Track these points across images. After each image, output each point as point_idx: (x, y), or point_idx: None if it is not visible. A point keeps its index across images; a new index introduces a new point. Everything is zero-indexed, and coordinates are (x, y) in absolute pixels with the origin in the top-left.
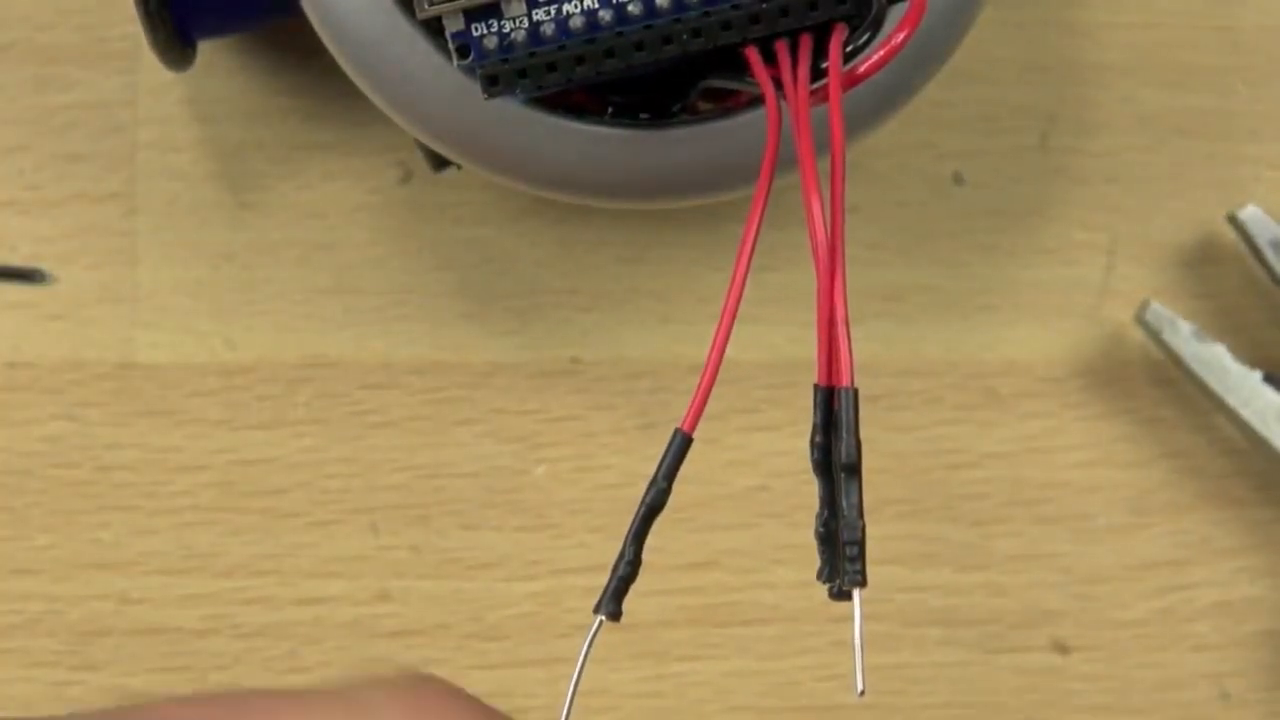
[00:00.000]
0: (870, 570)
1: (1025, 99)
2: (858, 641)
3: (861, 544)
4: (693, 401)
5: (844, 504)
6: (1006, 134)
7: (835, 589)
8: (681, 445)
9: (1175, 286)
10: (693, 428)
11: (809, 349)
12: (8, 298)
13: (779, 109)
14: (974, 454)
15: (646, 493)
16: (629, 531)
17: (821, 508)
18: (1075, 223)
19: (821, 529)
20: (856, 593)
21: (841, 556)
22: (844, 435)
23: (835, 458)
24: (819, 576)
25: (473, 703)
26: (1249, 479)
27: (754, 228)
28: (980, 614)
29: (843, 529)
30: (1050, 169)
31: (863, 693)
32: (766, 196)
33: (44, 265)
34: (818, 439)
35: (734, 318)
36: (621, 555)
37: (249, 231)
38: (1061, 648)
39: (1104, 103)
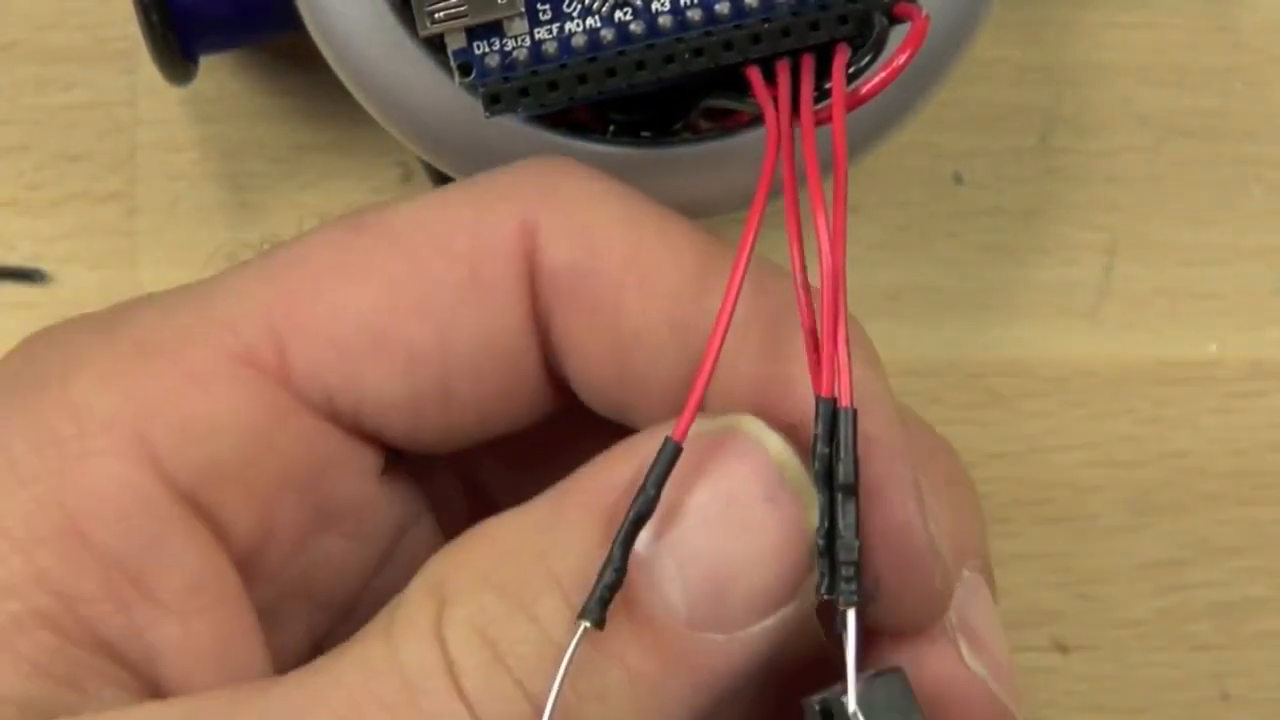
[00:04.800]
0: None
1: (1025, 99)
2: (851, 660)
3: (858, 564)
4: (684, 411)
5: (840, 524)
6: (1006, 134)
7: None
8: (671, 455)
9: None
10: (683, 437)
11: None
12: (8, 298)
13: (778, 131)
14: (974, 454)
15: (635, 500)
16: (616, 538)
17: (822, 520)
18: (1075, 223)
19: (822, 542)
20: (851, 612)
21: (838, 575)
22: (843, 455)
23: (834, 476)
24: (818, 589)
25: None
26: (1249, 479)
27: (745, 254)
28: None
29: (839, 549)
30: (1050, 169)
31: (855, 712)
32: (760, 221)
33: (44, 265)
34: (820, 450)
35: (724, 338)
36: (608, 562)
37: (249, 231)
38: (1061, 647)
39: (1104, 103)
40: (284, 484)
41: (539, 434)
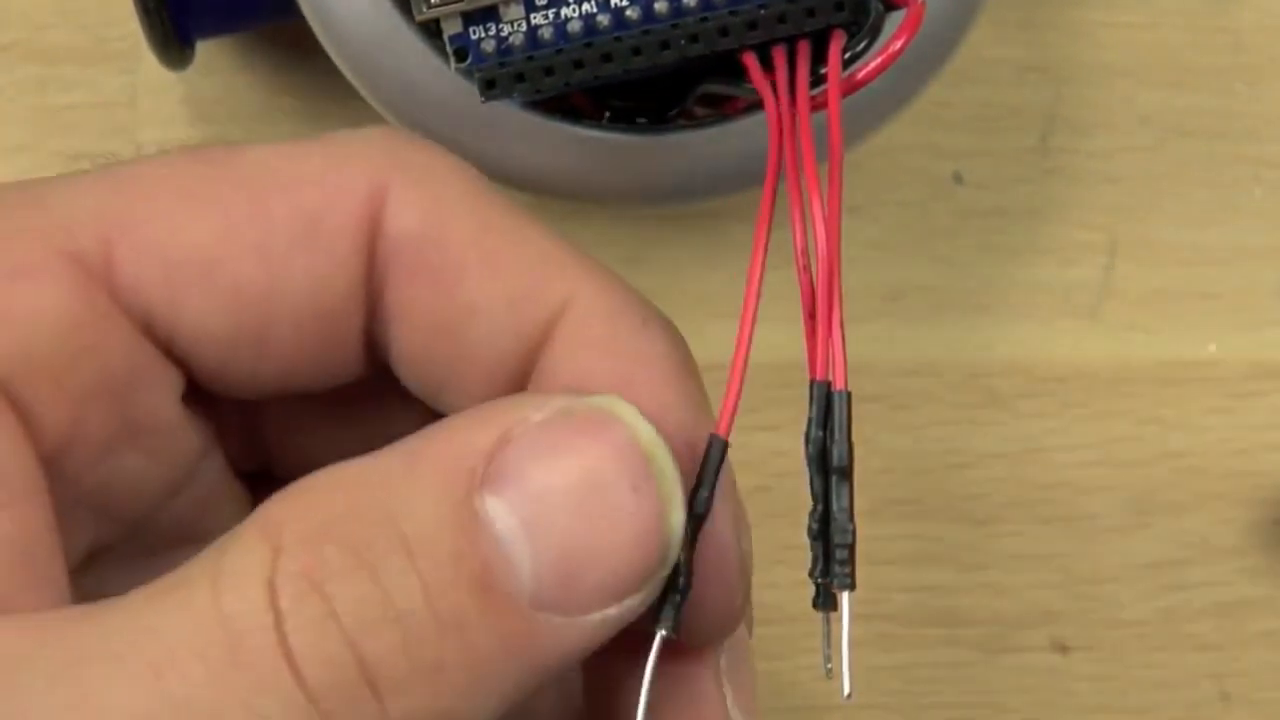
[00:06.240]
0: (871, 570)
1: (1025, 99)
2: (845, 644)
3: (851, 547)
4: (724, 406)
5: (835, 507)
6: (1006, 134)
7: (819, 599)
8: (721, 451)
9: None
10: (727, 432)
11: None
12: None
13: (779, 115)
14: (974, 454)
15: (691, 500)
16: (684, 546)
17: (815, 503)
18: (1075, 223)
19: (814, 525)
20: (845, 595)
21: (832, 559)
22: (837, 438)
23: (828, 460)
24: (811, 573)
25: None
26: (1249, 479)
27: (764, 232)
28: (980, 614)
29: (833, 532)
30: (1050, 169)
31: (850, 695)
32: (773, 201)
33: None
34: (813, 433)
35: (754, 319)
36: (677, 570)
37: None
38: (1061, 648)
39: (1104, 103)
40: (97, 387)
41: (331, 397)
